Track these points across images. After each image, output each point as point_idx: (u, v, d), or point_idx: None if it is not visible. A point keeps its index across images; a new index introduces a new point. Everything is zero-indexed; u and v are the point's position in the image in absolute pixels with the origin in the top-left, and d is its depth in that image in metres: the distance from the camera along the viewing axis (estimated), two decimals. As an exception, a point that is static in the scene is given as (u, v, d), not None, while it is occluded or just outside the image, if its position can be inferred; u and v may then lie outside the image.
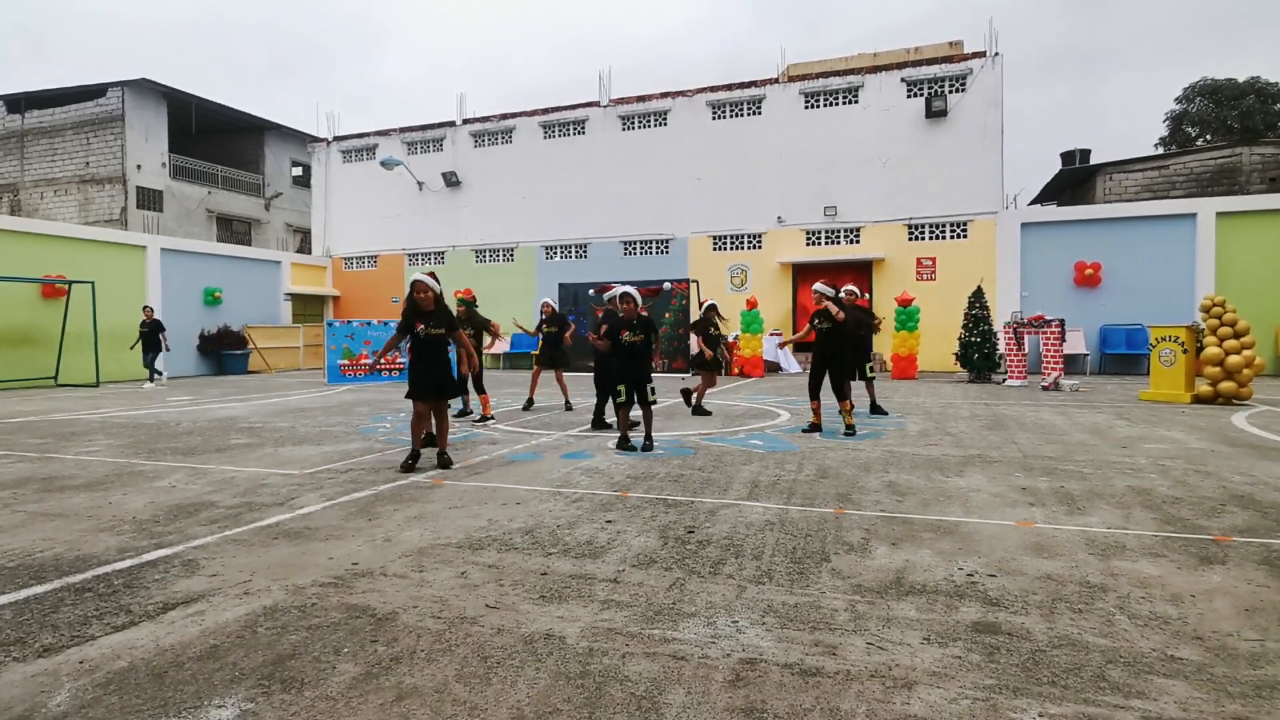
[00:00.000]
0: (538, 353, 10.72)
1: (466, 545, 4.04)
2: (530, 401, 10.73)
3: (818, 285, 8.19)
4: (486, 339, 10.08)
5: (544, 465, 6.37)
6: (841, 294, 8.64)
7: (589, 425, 8.74)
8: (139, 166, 25.53)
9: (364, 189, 24.62)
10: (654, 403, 7.05)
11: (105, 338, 17.15)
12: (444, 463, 6.13)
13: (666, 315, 18.03)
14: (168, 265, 19.48)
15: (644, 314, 7.12)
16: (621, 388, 7.02)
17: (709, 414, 9.64)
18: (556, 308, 10.59)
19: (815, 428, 8.00)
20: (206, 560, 3.82)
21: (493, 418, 9.29)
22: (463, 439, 7.85)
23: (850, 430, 7.79)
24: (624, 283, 9.42)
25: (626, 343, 7.03)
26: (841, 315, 7.81)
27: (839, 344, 7.94)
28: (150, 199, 25.99)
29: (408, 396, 6.24)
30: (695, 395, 9.94)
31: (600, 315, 10.54)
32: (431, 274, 6.27)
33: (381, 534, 4.27)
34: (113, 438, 8.30)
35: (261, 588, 3.40)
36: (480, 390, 9.37)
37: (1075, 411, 9.82)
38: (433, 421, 6.33)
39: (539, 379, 11.24)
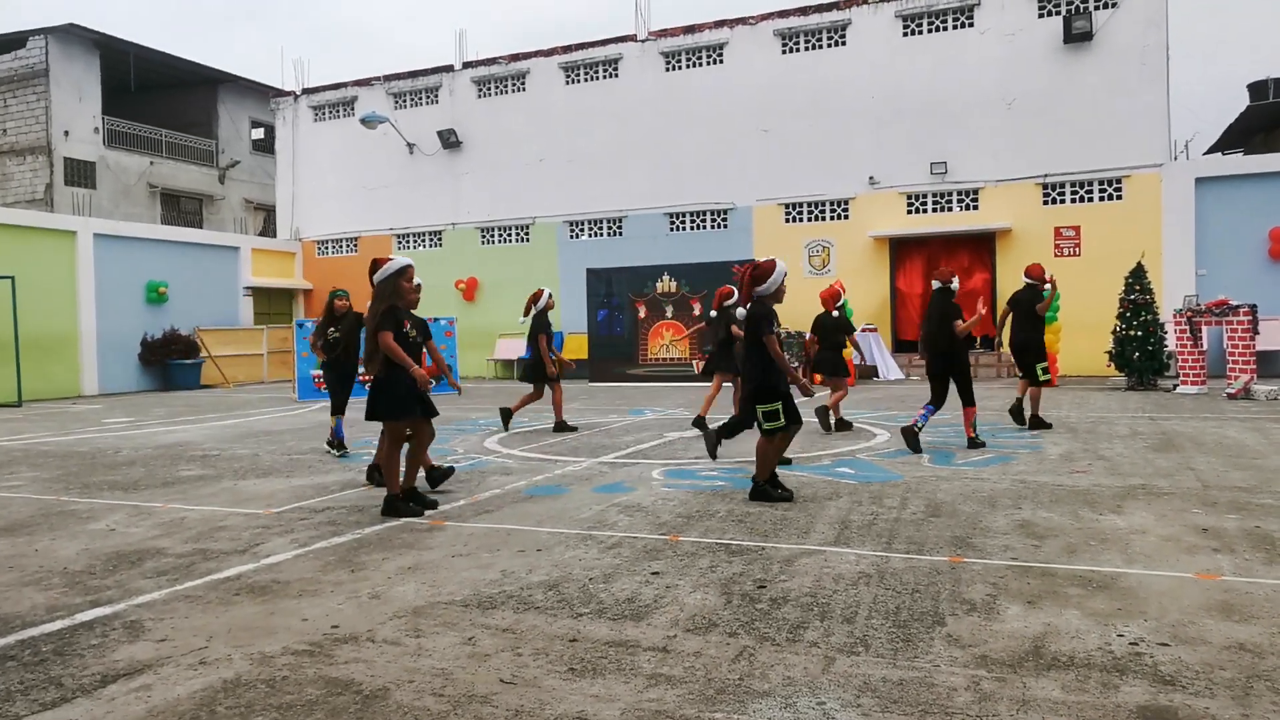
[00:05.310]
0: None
1: (475, 603, 4.08)
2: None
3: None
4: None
5: (571, 501, 6.41)
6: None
7: (613, 456, 8.73)
8: (67, 133, 26.47)
9: (341, 154, 25.13)
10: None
11: (29, 346, 17.80)
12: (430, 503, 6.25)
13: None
14: (103, 254, 20.16)
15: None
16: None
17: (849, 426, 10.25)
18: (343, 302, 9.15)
19: None
20: (153, 622, 3.92)
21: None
22: (469, 468, 7.94)
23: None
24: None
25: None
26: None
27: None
28: (81, 173, 26.94)
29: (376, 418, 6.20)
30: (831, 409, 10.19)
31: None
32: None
33: (368, 589, 4.34)
34: (38, 469, 8.60)
35: (221, 656, 3.48)
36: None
37: (1274, 427, 9.55)
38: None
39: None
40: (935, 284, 8.96)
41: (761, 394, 6.25)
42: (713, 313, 10.54)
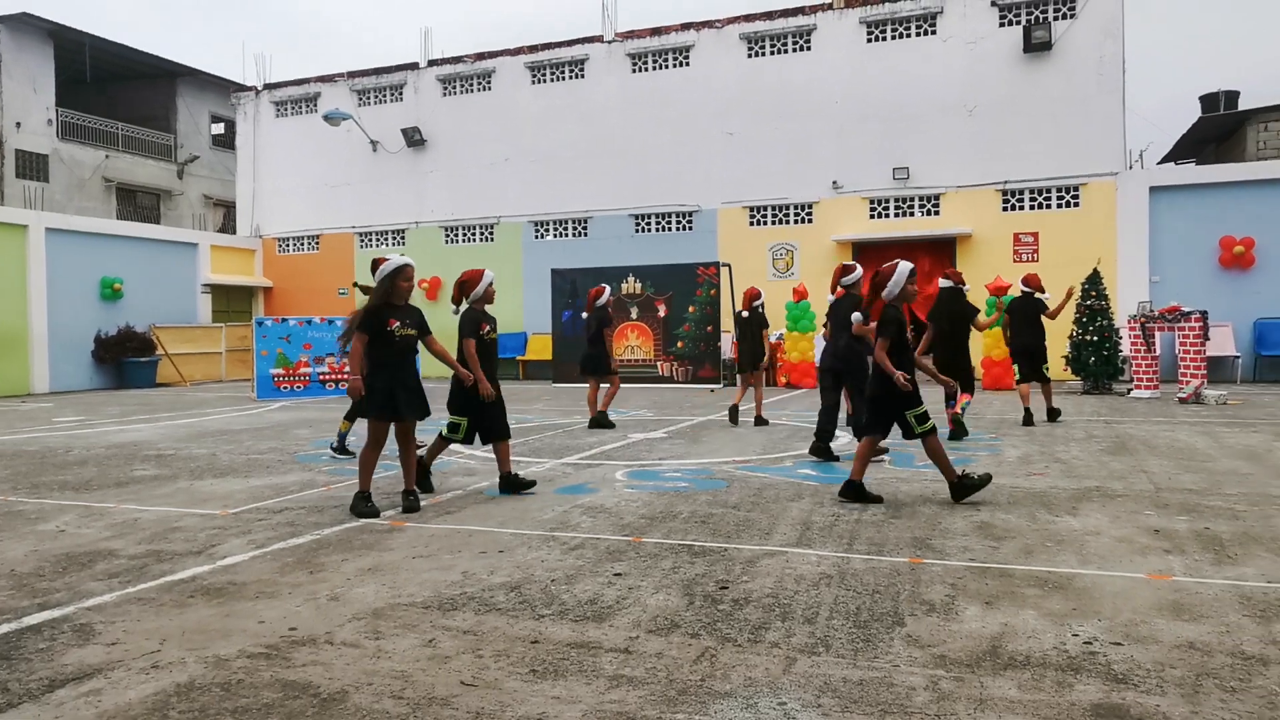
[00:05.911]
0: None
1: (435, 605, 4.05)
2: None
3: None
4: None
5: (534, 502, 6.39)
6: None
7: (592, 451, 8.72)
8: (19, 125, 25.87)
9: (303, 151, 24.83)
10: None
11: (-24, 342, 17.37)
12: (410, 505, 6.16)
13: (691, 309, 18.05)
14: (55, 249, 19.73)
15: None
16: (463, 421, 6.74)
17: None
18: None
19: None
20: (104, 625, 3.84)
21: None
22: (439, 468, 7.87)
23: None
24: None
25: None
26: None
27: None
28: (33, 165, 26.34)
29: (362, 416, 6.27)
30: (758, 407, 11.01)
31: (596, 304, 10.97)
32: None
33: (326, 591, 4.29)
34: (-14, 469, 8.39)
35: (174, 660, 3.42)
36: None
37: (1223, 431, 9.76)
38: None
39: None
40: (945, 283, 9.41)
41: (910, 399, 6.11)
42: (744, 313, 10.78)
